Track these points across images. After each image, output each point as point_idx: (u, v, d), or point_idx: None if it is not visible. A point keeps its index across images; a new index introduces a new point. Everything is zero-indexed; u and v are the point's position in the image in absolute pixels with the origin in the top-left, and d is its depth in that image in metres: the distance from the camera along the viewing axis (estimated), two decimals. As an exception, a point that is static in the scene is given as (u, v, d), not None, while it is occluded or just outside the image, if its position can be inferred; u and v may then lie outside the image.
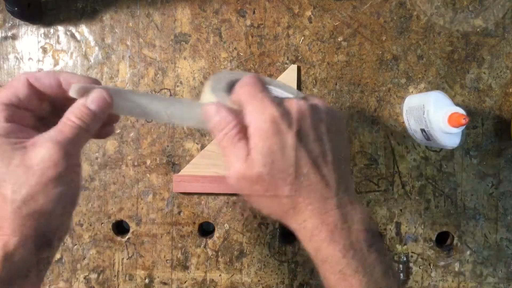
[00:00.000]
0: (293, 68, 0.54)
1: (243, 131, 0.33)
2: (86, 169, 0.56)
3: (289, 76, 0.54)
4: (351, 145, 0.55)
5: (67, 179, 0.31)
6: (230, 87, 0.37)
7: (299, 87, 0.55)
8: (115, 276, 0.56)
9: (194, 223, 0.56)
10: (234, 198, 0.56)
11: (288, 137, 0.32)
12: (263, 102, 0.33)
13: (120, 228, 0.58)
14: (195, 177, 0.54)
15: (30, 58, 0.56)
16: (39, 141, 0.30)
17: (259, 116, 0.33)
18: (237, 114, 0.34)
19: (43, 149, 0.30)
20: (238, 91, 0.35)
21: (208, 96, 0.37)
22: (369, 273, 0.32)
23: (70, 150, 0.31)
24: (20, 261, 0.30)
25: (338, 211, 0.33)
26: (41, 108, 0.34)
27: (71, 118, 0.32)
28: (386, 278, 0.33)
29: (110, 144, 0.56)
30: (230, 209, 0.56)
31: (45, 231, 0.30)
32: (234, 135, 0.33)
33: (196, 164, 0.54)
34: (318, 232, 0.33)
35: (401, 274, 0.56)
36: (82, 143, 0.33)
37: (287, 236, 0.57)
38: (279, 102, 0.33)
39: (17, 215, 0.29)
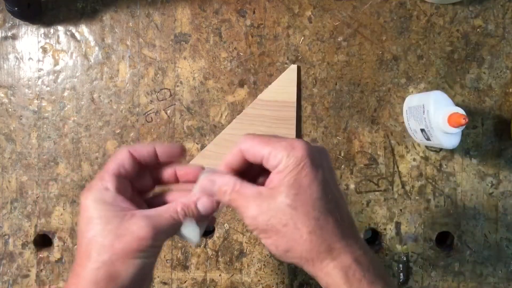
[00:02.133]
0: (293, 68, 0.54)
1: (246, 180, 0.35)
2: (86, 169, 0.56)
3: (289, 76, 0.54)
4: (351, 145, 0.55)
5: (146, 255, 0.32)
6: None
7: (299, 86, 0.55)
8: None
9: (194, 223, 0.56)
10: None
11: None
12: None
13: (120, 228, 0.58)
14: None
15: (30, 58, 0.56)
16: (137, 216, 0.33)
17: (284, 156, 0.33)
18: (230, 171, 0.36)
19: (136, 225, 0.32)
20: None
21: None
22: None
23: (159, 235, 0.33)
24: None
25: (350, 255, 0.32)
26: (139, 177, 0.37)
27: (177, 209, 0.34)
28: None
29: (110, 144, 0.56)
30: (230, 209, 0.56)
31: None
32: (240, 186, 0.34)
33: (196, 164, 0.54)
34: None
35: (401, 274, 0.56)
36: (172, 233, 0.35)
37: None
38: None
39: (93, 275, 0.32)
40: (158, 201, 0.38)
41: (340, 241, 0.32)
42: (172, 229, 0.34)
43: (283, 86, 0.54)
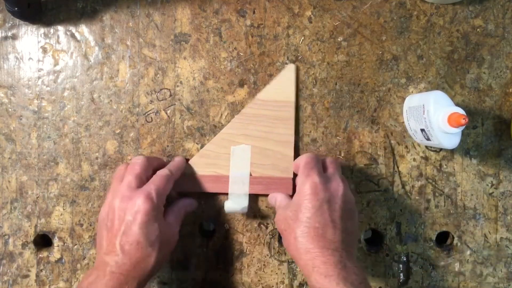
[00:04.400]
0: (290, 68, 0.54)
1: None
2: (86, 169, 0.56)
3: (287, 75, 0.54)
4: (351, 145, 0.55)
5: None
6: None
7: (297, 86, 0.55)
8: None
9: (194, 223, 0.56)
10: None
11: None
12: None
13: (120, 228, 0.58)
14: (194, 177, 0.54)
15: (30, 58, 0.56)
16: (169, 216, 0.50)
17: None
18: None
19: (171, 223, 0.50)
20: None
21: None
22: None
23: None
24: None
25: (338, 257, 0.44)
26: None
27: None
28: None
29: (110, 144, 0.56)
30: (230, 209, 0.56)
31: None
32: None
33: (195, 164, 0.54)
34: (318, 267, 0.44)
35: (401, 274, 0.56)
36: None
37: (287, 236, 0.57)
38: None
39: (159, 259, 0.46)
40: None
41: (320, 245, 0.45)
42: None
43: (281, 86, 0.54)
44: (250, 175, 0.53)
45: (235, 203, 0.53)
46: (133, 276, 0.43)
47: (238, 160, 0.53)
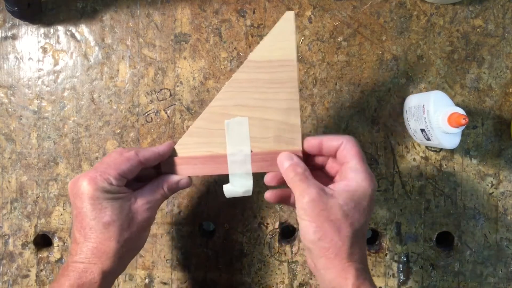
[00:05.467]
0: (288, 16, 0.44)
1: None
2: (86, 169, 0.56)
3: (284, 27, 0.44)
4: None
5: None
6: None
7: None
8: (115, 276, 0.56)
9: (194, 223, 0.56)
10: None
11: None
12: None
13: (120, 228, 0.58)
14: (185, 159, 0.46)
15: (30, 58, 0.56)
16: (135, 197, 0.44)
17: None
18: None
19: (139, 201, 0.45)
20: None
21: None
22: None
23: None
24: None
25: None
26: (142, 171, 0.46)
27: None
28: None
29: (110, 144, 0.56)
30: (230, 209, 0.56)
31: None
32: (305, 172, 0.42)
33: (184, 145, 0.46)
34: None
35: (401, 274, 0.56)
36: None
37: (287, 236, 0.57)
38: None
39: (118, 246, 0.42)
40: None
41: (359, 253, 0.40)
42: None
43: (278, 41, 0.44)
44: (251, 151, 0.45)
45: (236, 185, 0.46)
46: (94, 262, 0.41)
47: (235, 135, 0.45)
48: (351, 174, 0.41)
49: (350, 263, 0.39)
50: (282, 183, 0.44)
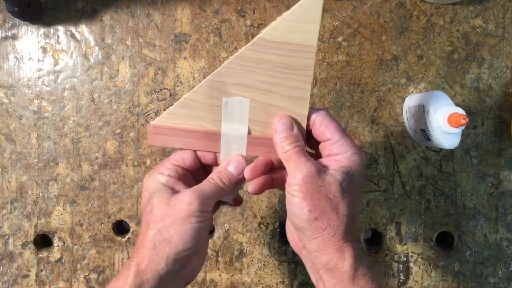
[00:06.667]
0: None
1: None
2: (86, 169, 0.56)
3: (310, 8, 0.38)
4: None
5: (195, 220, 0.38)
6: None
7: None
8: (115, 276, 0.56)
9: (194, 223, 0.56)
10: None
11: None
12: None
13: (120, 228, 0.58)
14: (176, 130, 0.42)
15: (30, 58, 0.56)
16: (185, 191, 0.39)
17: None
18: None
19: (184, 195, 0.38)
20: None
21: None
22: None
23: (204, 200, 0.38)
24: (147, 281, 0.37)
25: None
26: (198, 170, 0.44)
27: (212, 176, 0.41)
28: None
29: (110, 144, 0.56)
30: (231, 209, 0.56)
31: (175, 258, 0.37)
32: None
33: (174, 114, 0.41)
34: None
35: (401, 274, 0.56)
36: (217, 198, 0.40)
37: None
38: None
39: (151, 240, 0.37)
40: None
41: (355, 231, 0.38)
42: (215, 193, 0.40)
43: (300, 23, 0.38)
44: (249, 133, 0.41)
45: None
46: (143, 270, 0.38)
47: (233, 115, 0.41)
48: (338, 149, 0.38)
49: (348, 243, 0.37)
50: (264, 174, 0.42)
